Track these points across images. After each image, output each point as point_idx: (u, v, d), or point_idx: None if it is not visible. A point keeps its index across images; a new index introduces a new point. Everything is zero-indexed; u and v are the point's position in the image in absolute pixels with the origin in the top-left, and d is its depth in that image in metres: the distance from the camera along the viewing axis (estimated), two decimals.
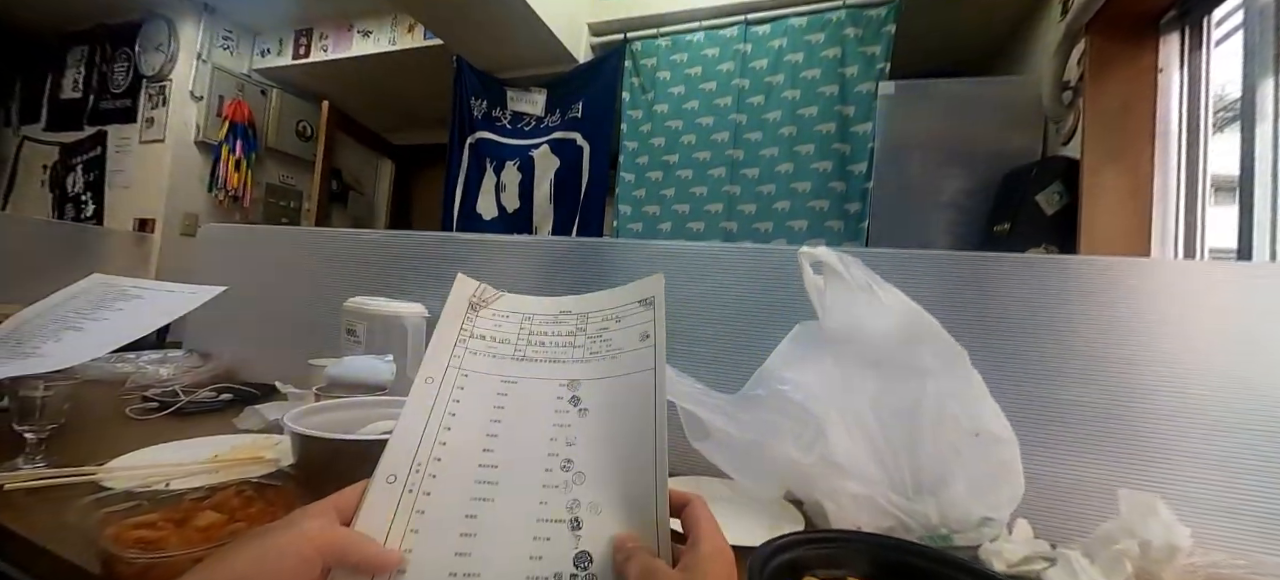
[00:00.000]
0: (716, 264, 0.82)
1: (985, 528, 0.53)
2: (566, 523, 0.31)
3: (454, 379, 0.37)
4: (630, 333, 0.38)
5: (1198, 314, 0.62)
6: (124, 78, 2.87)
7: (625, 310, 0.39)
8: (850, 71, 1.87)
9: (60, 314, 0.69)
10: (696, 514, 0.31)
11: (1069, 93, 1.52)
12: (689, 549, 0.30)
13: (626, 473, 0.33)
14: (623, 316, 0.39)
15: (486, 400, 0.36)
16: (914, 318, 0.59)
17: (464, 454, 0.34)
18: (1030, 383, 0.66)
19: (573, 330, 0.40)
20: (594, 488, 0.33)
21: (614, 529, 0.31)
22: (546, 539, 0.31)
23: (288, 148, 3.08)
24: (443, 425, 0.35)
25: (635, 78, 2.18)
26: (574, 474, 0.33)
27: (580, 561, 0.30)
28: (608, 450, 0.34)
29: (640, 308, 0.39)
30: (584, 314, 0.41)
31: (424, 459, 0.33)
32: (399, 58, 2.61)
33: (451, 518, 0.31)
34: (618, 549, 0.30)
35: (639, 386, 0.35)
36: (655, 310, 0.38)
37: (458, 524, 0.31)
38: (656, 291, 0.39)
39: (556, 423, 0.35)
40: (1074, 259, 0.68)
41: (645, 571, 0.28)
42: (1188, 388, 0.61)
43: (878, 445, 0.58)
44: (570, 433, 0.35)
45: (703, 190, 2.05)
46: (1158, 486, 0.58)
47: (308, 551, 0.26)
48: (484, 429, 0.35)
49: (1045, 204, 1.40)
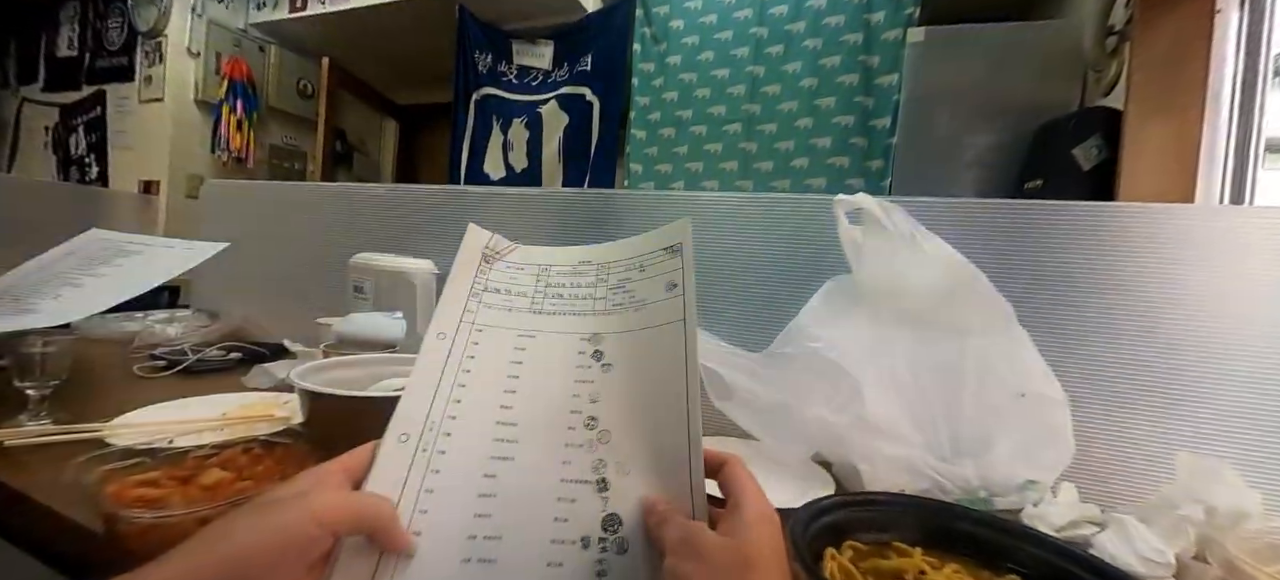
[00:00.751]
0: (736, 216, 0.78)
1: (1028, 491, 0.50)
2: (592, 484, 0.29)
3: (468, 334, 0.35)
4: (655, 283, 0.35)
5: (1264, 266, 0.57)
6: (119, 34, 2.79)
7: (649, 259, 0.37)
8: (876, 18, 1.76)
9: (58, 270, 0.66)
10: (737, 475, 0.29)
11: (1114, 38, 1.42)
12: (731, 511, 0.27)
13: (656, 431, 0.30)
14: (647, 266, 0.36)
15: (503, 356, 0.34)
16: (959, 269, 0.54)
17: (480, 411, 0.32)
18: (1075, 338, 0.62)
19: (593, 281, 0.38)
20: (621, 447, 0.30)
21: (644, 490, 0.29)
22: (572, 501, 0.29)
23: (289, 107, 3.01)
24: (457, 382, 0.33)
25: (647, 28, 2.07)
26: (599, 432, 0.31)
27: (609, 524, 0.28)
28: (635, 407, 0.32)
29: (666, 256, 0.36)
30: (605, 264, 0.38)
31: (438, 417, 0.31)
32: (400, 10, 2.50)
33: (469, 478, 0.29)
34: (649, 512, 0.28)
35: (667, 339, 0.33)
36: (683, 258, 0.35)
37: (476, 484, 0.29)
38: (684, 238, 0.36)
39: (578, 378, 0.33)
40: (1124, 206, 0.63)
41: (686, 539, 0.25)
42: (1246, 344, 0.56)
43: (914, 405, 0.55)
44: (593, 389, 0.33)
45: (717, 148, 1.97)
46: (1215, 451, 0.54)
47: (313, 530, 0.24)
48: (501, 385, 0.33)
49: (1083, 158, 1.33)
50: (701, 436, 0.29)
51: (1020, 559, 0.35)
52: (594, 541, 0.28)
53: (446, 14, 2.33)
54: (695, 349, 0.31)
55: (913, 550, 0.35)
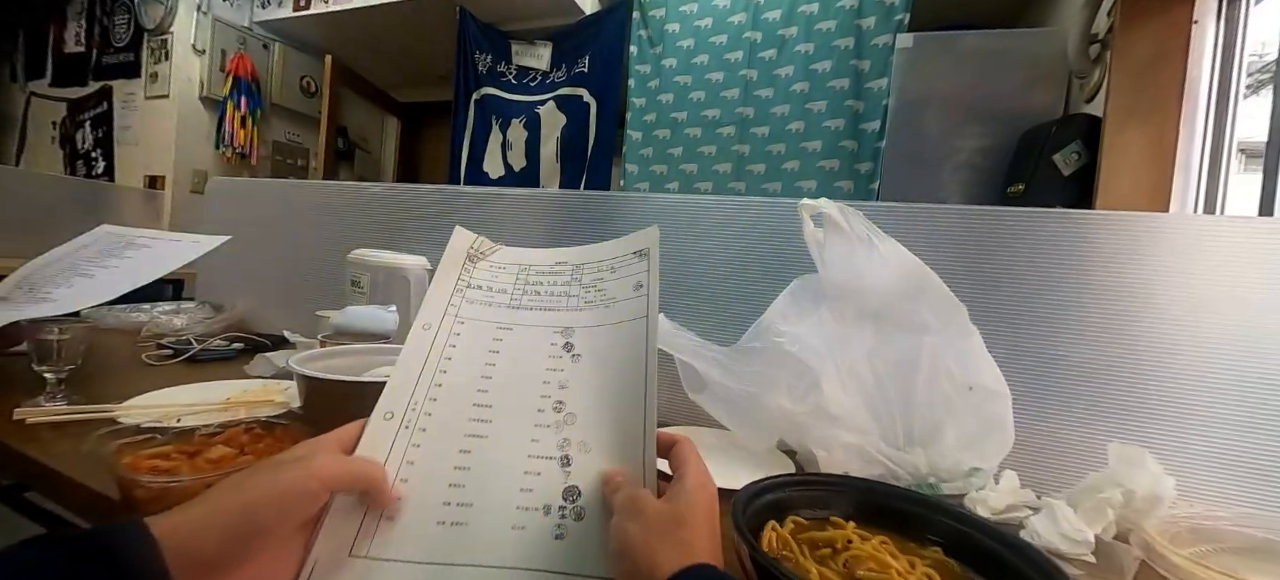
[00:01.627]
0: (719, 217, 0.81)
1: (973, 477, 0.54)
2: (557, 460, 0.33)
3: (450, 326, 0.38)
4: (624, 282, 0.39)
5: (1202, 271, 0.61)
6: (125, 31, 2.83)
7: (620, 261, 0.40)
8: (867, 23, 1.80)
9: (70, 262, 0.71)
10: (683, 453, 0.32)
11: (1097, 46, 1.45)
12: (675, 482, 0.31)
13: (617, 415, 0.34)
14: (617, 267, 0.40)
15: (482, 346, 0.37)
16: (914, 271, 0.58)
17: (459, 394, 0.35)
18: (1031, 338, 0.66)
19: (568, 280, 0.41)
20: (584, 428, 0.34)
21: (602, 466, 0.32)
22: (537, 474, 0.32)
23: (292, 104, 3.05)
24: (439, 368, 0.36)
25: (643, 30, 2.11)
26: (566, 415, 0.34)
27: (569, 495, 0.31)
28: (599, 393, 0.35)
29: (635, 259, 0.40)
30: (579, 265, 0.42)
31: (420, 398, 0.35)
32: (401, 9, 2.54)
33: (446, 453, 0.33)
34: (606, 482, 0.31)
35: (631, 334, 0.36)
36: (649, 261, 0.39)
37: (452, 458, 0.33)
38: (651, 244, 0.40)
39: (550, 367, 0.36)
40: (1079, 213, 0.67)
41: (631, 501, 0.29)
42: (1185, 344, 0.60)
43: (872, 397, 0.59)
44: (562, 377, 0.36)
45: (711, 150, 2.01)
46: (1152, 442, 0.58)
47: (313, 486, 0.28)
48: (479, 372, 0.36)
49: (1062, 164, 1.36)
50: (655, 420, 0.33)
51: (943, 532, 0.39)
52: (554, 509, 0.31)
53: (447, 15, 2.37)
54: (655, 342, 0.35)
55: (846, 523, 0.39)
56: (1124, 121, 1.30)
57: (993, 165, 1.57)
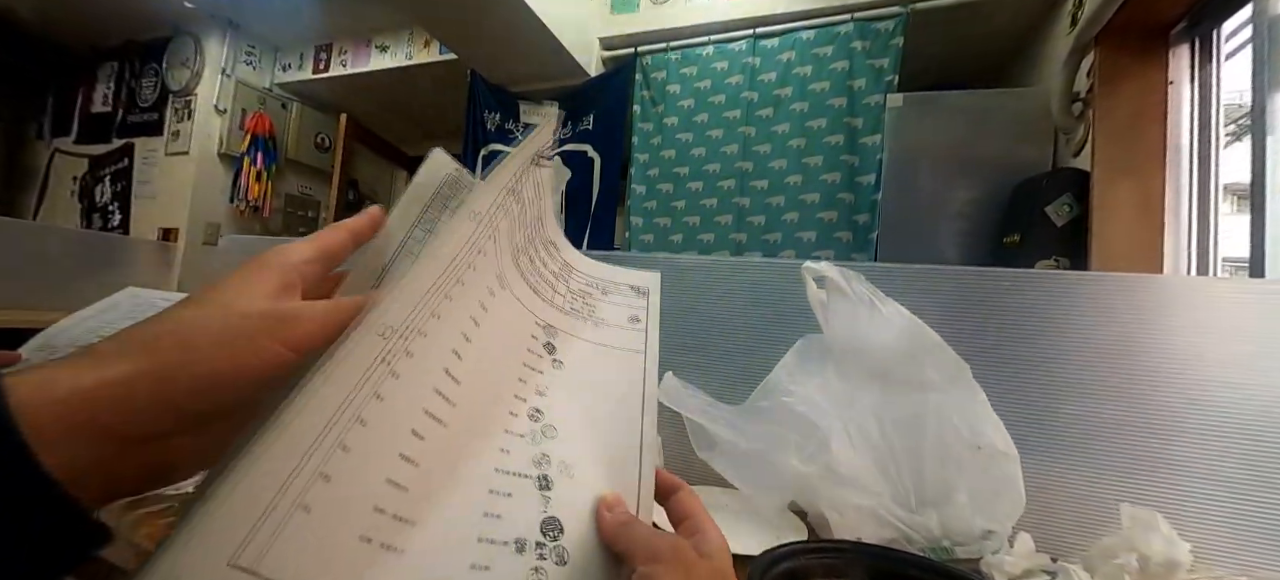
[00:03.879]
0: (724, 277, 0.84)
1: (987, 541, 0.54)
2: (533, 479, 0.25)
3: (487, 233, 0.27)
4: (617, 309, 0.34)
5: (1207, 331, 0.62)
6: (152, 92, 2.97)
7: (614, 288, 0.35)
8: (858, 84, 1.89)
9: (92, 326, 0.72)
10: (691, 503, 0.28)
11: (1079, 104, 1.52)
12: (699, 535, 0.26)
13: (606, 440, 0.28)
14: (609, 291, 0.35)
15: (479, 288, 0.27)
16: (915, 331, 0.60)
17: (435, 349, 0.24)
18: (1037, 397, 0.66)
19: (557, 271, 0.34)
20: (567, 446, 0.27)
21: (592, 496, 0.26)
22: (506, 494, 0.24)
23: (306, 159, 3.17)
24: (443, 292, 0.24)
25: (646, 91, 2.22)
26: (544, 426, 0.27)
27: (548, 529, 0.24)
28: (585, 415, 0.29)
29: (632, 293, 0.35)
30: (567, 265, 0.35)
31: (416, 323, 0.23)
32: (415, 72, 2.68)
33: (396, 430, 0.22)
34: (608, 506, 0.26)
35: (623, 364, 0.31)
36: (649, 301, 0.35)
37: (400, 441, 0.22)
38: (651, 285, 0.36)
39: (527, 363, 0.29)
40: (1082, 275, 0.69)
41: (674, 551, 0.23)
42: (1194, 403, 0.61)
43: (882, 457, 0.59)
44: (541, 380, 0.29)
45: (713, 202, 2.06)
46: (1162, 502, 0.58)
47: (286, 357, 0.21)
48: (463, 326, 0.25)
49: (1055, 216, 1.40)
50: (655, 466, 0.28)
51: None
52: (531, 546, 0.23)
53: (458, 76, 2.50)
54: (654, 388, 0.30)
55: None
56: (1111, 177, 1.35)
57: (986, 216, 1.62)
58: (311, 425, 0.19)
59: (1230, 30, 1.24)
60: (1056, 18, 1.76)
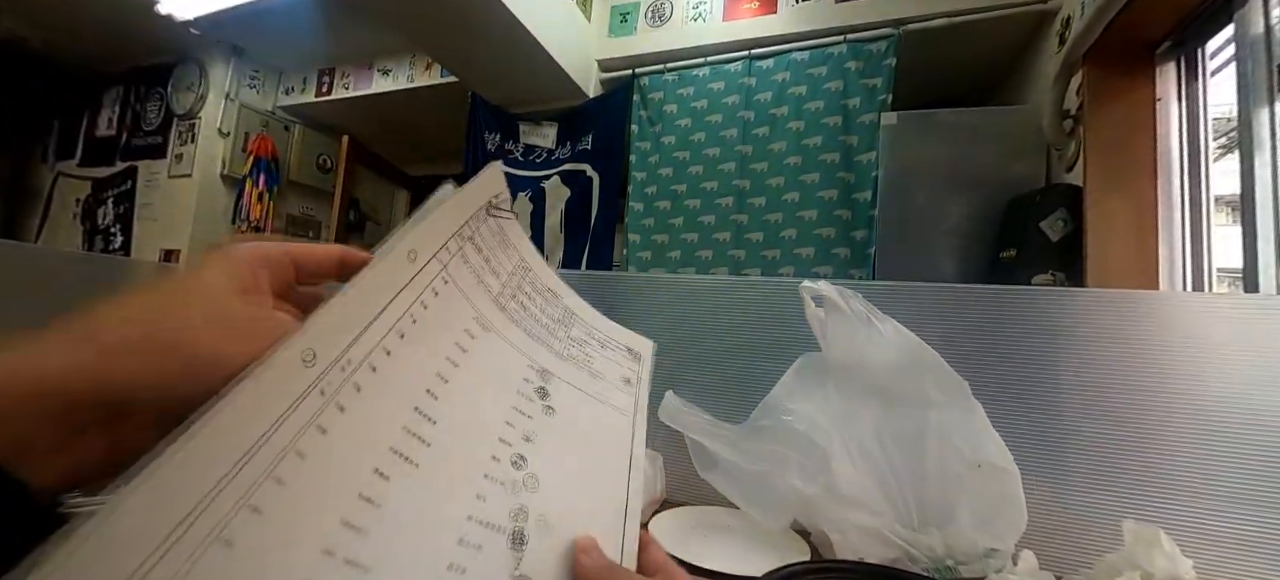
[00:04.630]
0: (725, 297, 0.85)
1: (990, 559, 0.54)
2: (505, 534, 0.24)
3: (434, 273, 0.27)
4: (612, 367, 0.34)
5: (1205, 346, 0.63)
6: (156, 116, 3.01)
7: (611, 343, 0.35)
8: (853, 103, 1.92)
9: None
10: (660, 556, 0.28)
11: (1070, 121, 1.55)
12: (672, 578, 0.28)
13: (591, 500, 0.28)
14: (607, 345, 0.35)
15: (450, 333, 0.27)
16: (914, 349, 0.60)
17: (400, 385, 0.23)
18: (1038, 414, 0.67)
19: (558, 317, 0.33)
20: (548, 499, 0.26)
21: (568, 557, 0.25)
22: (476, 547, 0.23)
23: (308, 180, 3.19)
24: (396, 328, 0.24)
25: (643, 111, 2.25)
26: (526, 476, 0.26)
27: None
28: (570, 468, 0.28)
29: (627, 355, 0.35)
30: (569, 312, 0.34)
31: (357, 358, 0.22)
32: (416, 94, 2.72)
33: (355, 464, 0.21)
34: (584, 550, 0.25)
35: (613, 424, 0.31)
36: (642, 366, 0.35)
37: (360, 478, 0.21)
38: (645, 351, 0.36)
39: (516, 406, 0.28)
40: (1080, 291, 0.70)
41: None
42: (1196, 419, 0.61)
43: (882, 475, 0.59)
44: (530, 426, 0.28)
45: (711, 219, 2.08)
46: (1165, 518, 0.58)
47: (213, 383, 0.18)
48: (436, 365, 0.25)
49: (1049, 231, 1.42)
50: (638, 530, 0.28)
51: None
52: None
53: (459, 97, 2.54)
54: (641, 453, 0.30)
55: None
56: (1104, 193, 1.36)
57: (981, 230, 1.63)
58: (228, 447, 0.18)
59: (1214, 48, 1.27)
60: (1045, 37, 1.80)
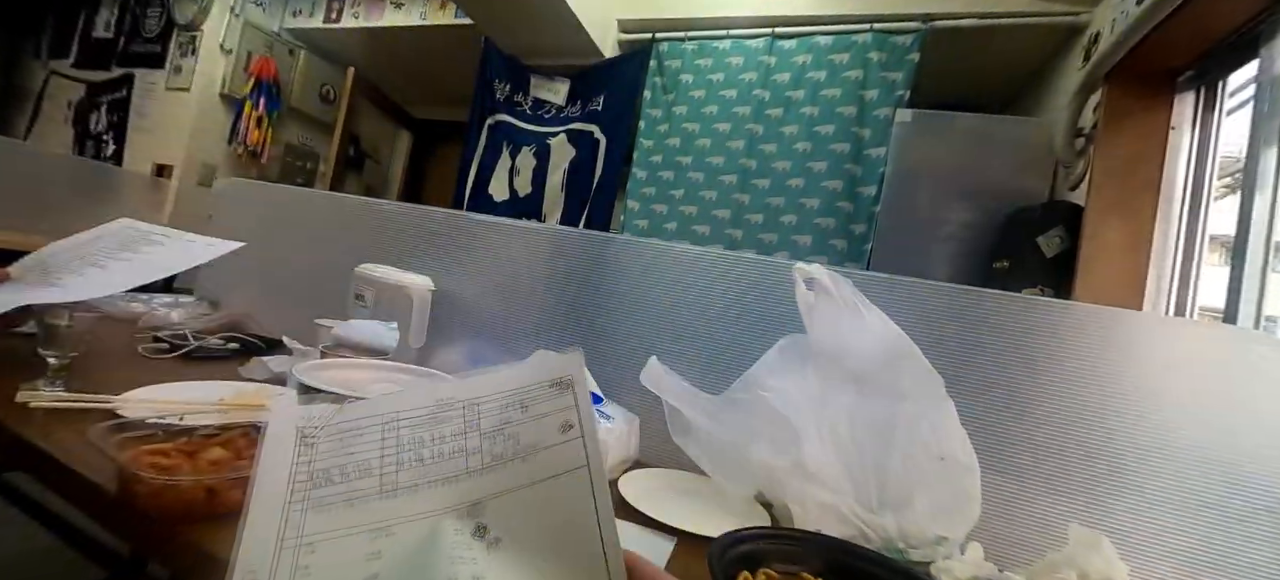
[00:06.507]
0: (718, 270, 0.85)
1: (940, 546, 0.56)
2: None
3: (292, 561, 0.26)
4: (545, 424, 0.29)
5: (1176, 369, 0.64)
6: (156, 23, 2.91)
7: (531, 395, 0.30)
8: (870, 95, 1.89)
9: (86, 251, 0.72)
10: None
11: (1082, 139, 1.54)
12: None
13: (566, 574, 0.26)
14: (529, 402, 0.30)
15: (349, 573, 0.26)
16: (895, 341, 0.61)
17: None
18: (1007, 416, 0.69)
19: (461, 428, 0.29)
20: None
21: None
22: None
23: (310, 110, 3.13)
24: (304, 546, 0.25)
25: (659, 77, 2.21)
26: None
27: None
28: (536, 568, 0.26)
29: (554, 392, 0.30)
30: (472, 402, 0.30)
31: (284, 564, 0.24)
32: (428, 33, 2.64)
33: None
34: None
35: (567, 493, 0.28)
36: (576, 395, 0.29)
37: None
38: (574, 373, 0.30)
39: (456, 566, 0.26)
40: (1063, 303, 0.71)
41: None
42: (1156, 436, 0.63)
43: (849, 457, 0.61)
44: (474, 570, 0.26)
45: (712, 195, 2.07)
46: (1114, 526, 0.61)
47: None
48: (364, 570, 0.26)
49: (1045, 246, 1.42)
50: (623, 569, 0.26)
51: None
52: None
53: (472, 42, 2.47)
54: (608, 502, 0.27)
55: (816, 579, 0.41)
56: (1104, 214, 1.37)
57: (978, 240, 1.64)
58: None
59: (1235, 85, 1.26)
60: (1071, 51, 1.77)
